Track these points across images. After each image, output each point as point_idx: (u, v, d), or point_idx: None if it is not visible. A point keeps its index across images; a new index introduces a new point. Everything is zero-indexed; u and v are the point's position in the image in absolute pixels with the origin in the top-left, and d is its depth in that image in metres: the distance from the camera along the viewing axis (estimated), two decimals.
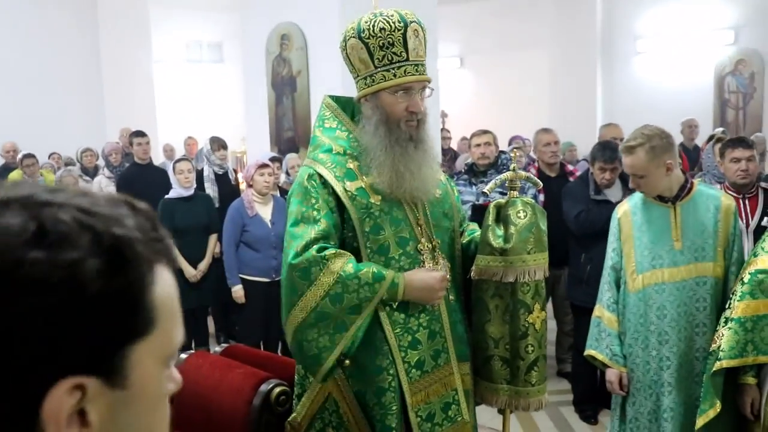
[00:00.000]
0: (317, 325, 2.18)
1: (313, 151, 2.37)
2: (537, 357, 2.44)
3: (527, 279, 2.39)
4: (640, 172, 3.11)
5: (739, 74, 11.17)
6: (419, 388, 2.33)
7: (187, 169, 5.80)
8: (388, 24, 2.21)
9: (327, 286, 2.15)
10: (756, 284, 2.91)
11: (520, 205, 2.43)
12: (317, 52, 7.02)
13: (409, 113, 2.28)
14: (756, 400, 2.99)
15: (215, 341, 6.65)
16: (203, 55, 14.08)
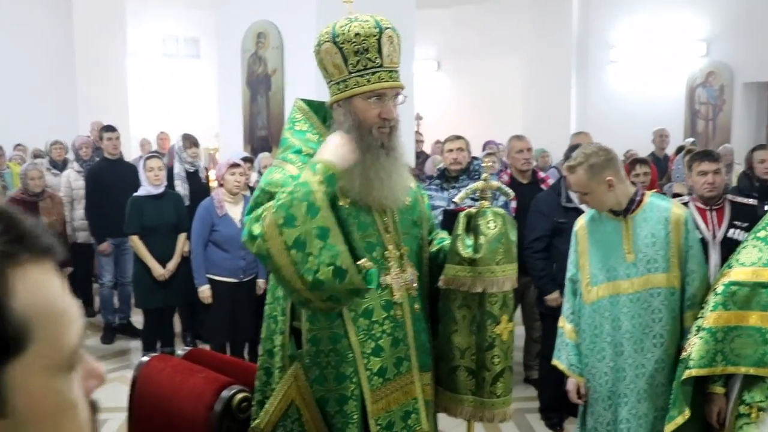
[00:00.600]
0: (306, 252, 1.99)
1: (283, 152, 2.34)
2: (503, 368, 2.43)
3: (495, 290, 2.37)
4: (583, 189, 3.21)
5: (710, 86, 11.32)
6: (380, 396, 2.31)
7: (158, 167, 5.74)
8: (363, 29, 2.18)
9: (273, 221, 2.00)
10: (729, 295, 2.95)
11: (491, 216, 2.42)
12: (293, 52, 6.99)
13: (382, 120, 2.25)
14: (723, 409, 3.03)
15: (181, 341, 6.59)
16: (180, 50, 13.98)
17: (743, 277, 2.95)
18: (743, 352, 2.91)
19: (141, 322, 6.19)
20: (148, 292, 5.75)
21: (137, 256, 5.76)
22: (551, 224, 4.69)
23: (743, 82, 11.09)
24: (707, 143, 10.83)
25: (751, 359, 2.89)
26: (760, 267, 2.93)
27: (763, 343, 2.87)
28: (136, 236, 5.67)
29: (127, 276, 6.78)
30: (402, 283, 2.35)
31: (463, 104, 13.63)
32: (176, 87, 13.42)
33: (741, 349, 2.92)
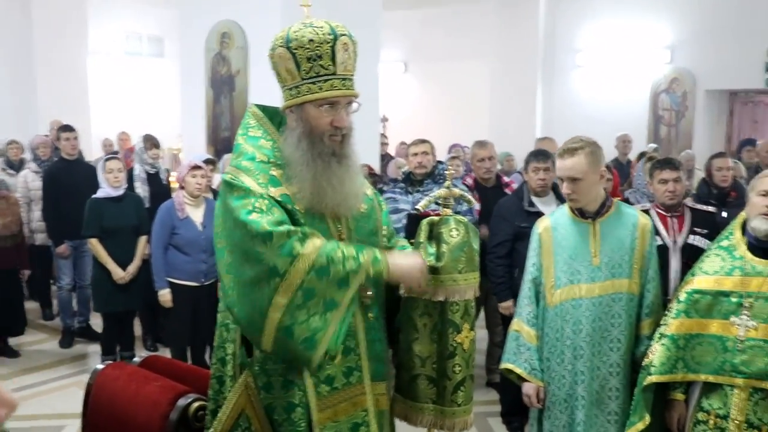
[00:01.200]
0: (306, 304, 2.05)
1: (236, 159, 2.30)
2: (464, 377, 2.42)
3: (457, 299, 2.36)
4: (579, 174, 3.13)
5: (673, 92, 11.46)
6: (327, 405, 2.27)
7: (117, 168, 5.64)
8: (317, 35, 2.15)
9: (312, 260, 2.05)
10: (691, 303, 2.99)
11: (453, 224, 2.40)
12: (257, 52, 6.93)
13: (334, 128, 2.22)
14: (682, 416, 3.07)
15: (142, 345, 6.49)
16: (143, 49, 13.80)
17: (705, 285, 2.99)
18: (703, 359, 2.95)
19: (101, 325, 6.07)
20: (108, 296, 5.64)
21: (96, 259, 5.64)
22: (514, 229, 4.69)
23: (705, 89, 11.24)
24: (670, 149, 10.96)
25: (710, 367, 2.94)
26: (722, 276, 2.97)
27: (722, 351, 2.91)
28: (95, 239, 5.56)
29: (86, 279, 6.66)
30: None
31: (430, 107, 13.64)
32: (139, 86, 13.24)
33: (701, 357, 2.96)
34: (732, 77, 10.99)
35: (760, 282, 2.87)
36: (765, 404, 2.85)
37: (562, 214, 3.32)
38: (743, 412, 2.86)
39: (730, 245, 3.03)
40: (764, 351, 2.82)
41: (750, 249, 2.96)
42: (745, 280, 2.90)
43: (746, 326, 2.86)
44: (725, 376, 2.89)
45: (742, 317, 2.88)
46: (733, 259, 2.98)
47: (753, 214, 2.94)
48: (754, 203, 2.95)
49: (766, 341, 2.82)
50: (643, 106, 11.67)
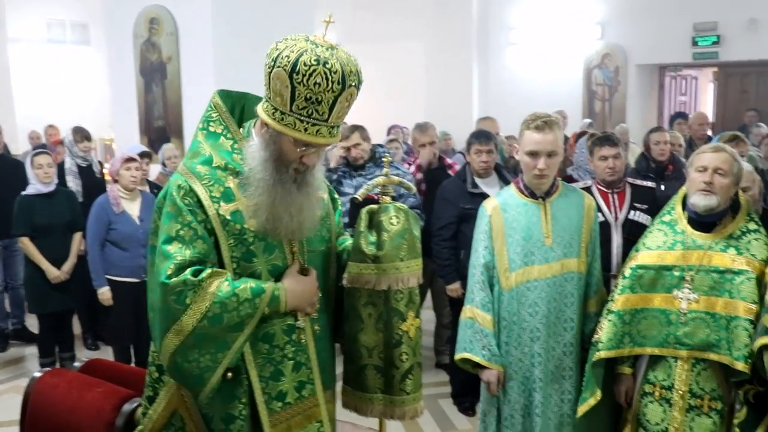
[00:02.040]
0: (197, 346, 2.05)
1: (192, 159, 2.19)
2: (412, 365, 2.39)
3: (401, 286, 2.32)
4: (556, 149, 3.10)
5: (606, 67, 11.65)
6: (280, 420, 2.23)
7: (47, 163, 5.42)
8: (326, 81, 2.00)
9: (204, 310, 2.02)
10: (636, 279, 3.05)
11: (393, 211, 2.36)
12: (188, 38, 6.73)
13: (302, 162, 2.14)
14: (630, 389, 3.16)
15: (82, 344, 6.30)
16: (67, 36, 13.31)
17: (649, 260, 3.06)
18: (649, 333, 3.03)
19: (37, 326, 5.85)
20: (43, 296, 5.44)
21: (29, 258, 5.43)
22: (458, 211, 4.68)
23: (636, 63, 11.46)
24: (604, 123, 11.16)
25: (655, 340, 3.02)
26: (664, 250, 3.04)
27: (666, 324, 2.99)
28: (26, 238, 5.35)
29: (18, 279, 6.42)
30: None
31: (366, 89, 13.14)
32: (65, 75, 12.79)
33: (647, 331, 3.04)
34: (661, 52, 11.25)
35: (701, 255, 2.95)
36: (706, 374, 2.95)
37: (509, 194, 3.26)
38: (686, 383, 2.97)
39: (672, 220, 3.10)
40: (705, 323, 2.91)
41: (690, 223, 3.03)
42: (686, 254, 2.98)
43: (688, 299, 2.95)
44: (669, 348, 2.98)
45: (684, 290, 2.96)
46: (675, 234, 3.05)
47: (692, 190, 3.00)
48: (692, 179, 3.00)
49: (707, 313, 2.91)
50: (577, 81, 11.84)
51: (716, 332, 2.88)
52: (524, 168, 3.19)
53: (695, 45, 10.98)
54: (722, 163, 2.93)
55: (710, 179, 2.92)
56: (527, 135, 3.11)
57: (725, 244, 2.94)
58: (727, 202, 2.98)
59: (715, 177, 2.92)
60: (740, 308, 2.84)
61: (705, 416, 2.95)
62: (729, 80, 11.62)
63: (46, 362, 5.56)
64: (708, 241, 2.96)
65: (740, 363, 2.80)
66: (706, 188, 2.92)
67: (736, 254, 2.91)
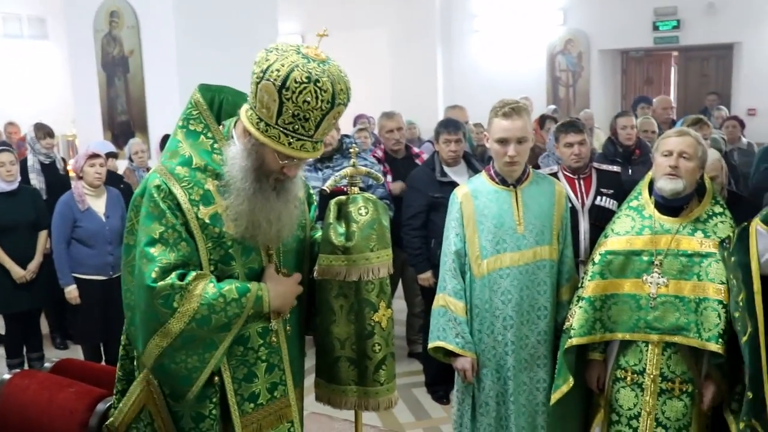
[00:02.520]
0: (184, 347, 2.05)
1: (171, 159, 2.16)
2: (385, 355, 2.39)
3: (371, 277, 2.32)
4: (526, 134, 3.09)
5: (569, 53, 11.74)
6: (251, 421, 2.24)
7: (9, 161, 5.31)
8: (316, 100, 1.98)
9: (191, 312, 2.02)
10: (605, 264, 3.06)
11: (361, 202, 2.35)
12: (150, 32, 6.66)
13: (282, 173, 2.13)
14: (602, 375, 3.17)
15: (50, 343, 6.21)
16: (24, 31, 13.05)
17: (618, 246, 3.07)
18: (619, 318, 3.05)
19: (3, 326, 5.76)
20: (8, 296, 5.34)
21: None
22: (427, 200, 4.69)
23: (599, 49, 11.56)
24: (569, 109, 11.25)
25: (626, 325, 3.03)
26: (633, 236, 3.06)
27: (637, 309, 3.00)
28: None
29: None
30: None
31: None
32: (23, 71, 12.53)
33: (617, 316, 3.05)
34: (623, 37, 11.36)
35: (669, 239, 2.97)
36: (677, 358, 2.97)
37: (480, 182, 3.24)
38: (657, 367, 2.98)
39: (639, 205, 3.12)
40: (675, 306, 2.93)
41: (658, 208, 3.05)
42: (654, 238, 3.00)
43: (657, 283, 2.96)
44: (640, 333, 2.99)
45: (653, 275, 2.97)
46: (643, 219, 3.07)
47: (658, 175, 3.01)
48: (658, 163, 3.02)
49: (676, 297, 2.93)
50: (541, 68, 11.92)
51: (685, 315, 2.91)
52: (494, 155, 3.18)
53: (656, 30, 11.11)
54: (687, 147, 2.96)
55: (676, 163, 2.94)
56: (496, 122, 3.09)
57: (692, 227, 2.97)
58: (693, 186, 3.01)
59: (680, 161, 2.94)
60: (710, 289, 2.88)
61: (676, 399, 2.97)
62: (689, 64, 11.77)
63: (13, 363, 5.47)
64: (676, 225, 2.99)
65: (712, 344, 2.83)
66: (672, 172, 2.94)
67: (703, 237, 2.94)
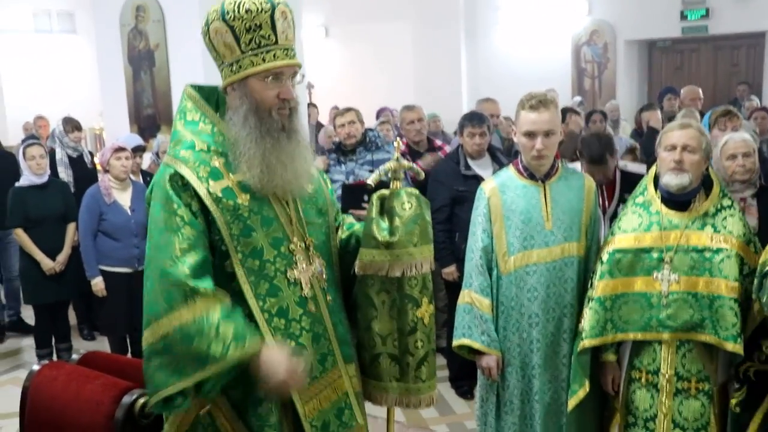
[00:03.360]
0: (162, 355, 2.03)
1: (174, 147, 2.18)
2: (427, 352, 2.35)
3: (414, 272, 2.28)
4: (554, 128, 3.04)
5: (594, 44, 11.61)
6: (310, 396, 2.21)
7: (39, 155, 5.40)
8: (255, 5, 2.05)
9: (182, 320, 1.98)
10: (614, 263, 2.98)
11: (405, 197, 2.32)
12: (176, 26, 6.70)
13: (281, 101, 2.13)
14: (617, 376, 3.09)
15: (78, 334, 6.30)
16: (53, 25, 13.20)
17: (626, 243, 2.99)
18: (631, 318, 2.97)
19: (33, 317, 5.86)
20: (38, 287, 5.44)
21: (23, 250, 5.43)
22: (451, 193, 4.67)
23: (625, 39, 11.43)
24: (594, 101, 11.15)
25: (638, 324, 2.95)
26: (640, 232, 2.97)
27: (648, 307, 2.93)
28: (20, 229, 5.34)
29: (13, 270, 6.40)
30: (310, 276, 2.24)
31: (354, 71, 13.48)
32: (53, 65, 12.68)
33: (629, 316, 2.97)
34: (650, 27, 11.21)
35: (678, 235, 2.90)
36: (692, 356, 2.91)
37: (508, 176, 3.17)
38: (672, 366, 2.92)
39: (645, 201, 3.03)
40: (687, 303, 2.86)
41: (664, 203, 2.97)
42: (663, 234, 2.92)
43: (668, 280, 2.89)
44: (652, 332, 2.92)
45: (663, 272, 2.89)
46: (650, 215, 2.98)
47: (663, 170, 2.94)
48: (662, 158, 2.95)
49: (688, 293, 2.86)
50: (566, 59, 11.80)
51: (699, 312, 2.84)
52: (522, 149, 3.12)
53: (684, 19, 10.94)
54: (690, 139, 2.88)
55: (680, 157, 2.86)
56: (523, 115, 3.04)
57: (701, 222, 2.90)
58: (699, 179, 2.93)
59: (684, 154, 2.87)
60: (723, 287, 2.81)
61: (693, 399, 2.91)
62: (719, 54, 11.60)
63: (43, 353, 5.58)
64: (684, 221, 2.91)
65: (730, 343, 2.78)
66: (677, 166, 2.87)
67: (713, 232, 2.87)
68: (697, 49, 11.66)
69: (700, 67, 11.68)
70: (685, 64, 11.82)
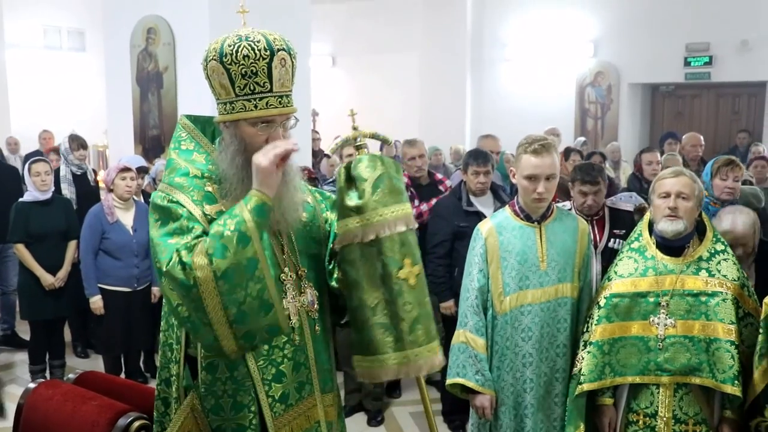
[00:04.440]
0: (234, 285, 2.00)
1: (169, 175, 2.21)
2: (419, 314, 2.23)
3: (388, 233, 2.22)
4: (555, 171, 3.09)
5: (598, 86, 11.73)
6: (283, 423, 2.24)
7: (44, 171, 5.42)
8: (253, 52, 2.07)
9: (204, 251, 1.98)
10: (611, 308, 3.04)
11: (368, 161, 2.27)
12: (186, 49, 6.77)
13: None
14: (613, 419, 3.12)
15: (72, 351, 6.29)
16: (63, 43, 13.30)
17: (623, 288, 3.05)
18: (628, 362, 3.01)
19: (27, 332, 5.84)
20: (36, 303, 5.44)
21: (23, 265, 5.44)
22: (453, 228, 4.69)
23: (629, 82, 11.55)
24: (596, 142, 11.23)
25: (636, 368, 3.00)
26: (637, 277, 3.04)
27: (646, 351, 2.98)
28: (21, 244, 5.36)
29: (10, 285, 6.41)
30: (299, 306, 2.27)
31: (359, 101, 13.51)
32: (61, 82, 12.76)
33: (626, 359, 3.01)
34: (653, 71, 11.34)
35: (673, 279, 2.96)
36: (689, 399, 2.95)
37: (504, 217, 3.23)
38: (669, 409, 2.95)
39: (641, 246, 3.10)
40: (685, 347, 2.91)
41: (659, 248, 3.04)
42: (659, 279, 2.98)
43: (665, 324, 2.94)
44: (650, 375, 2.97)
45: (660, 316, 2.96)
46: (645, 260, 3.05)
47: (658, 217, 3.01)
48: (657, 205, 3.02)
49: (684, 337, 2.91)
50: (570, 99, 11.91)
51: (696, 355, 2.89)
52: (522, 192, 3.15)
53: (687, 65, 11.08)
54: (683, 187, 2.96)
55: (675, 204, 2.94)
56: (525, 159, 3.08)
57: (696, 267, 2.96)
58: (692, 225, 3.00)
59: (678, 201, 2.94)
60: (719, 330, 2.86)
61: None
62: (720, 101, 11.72)
63: (36, 369, 5.56)
64: (679, 265, 2.98)
65: (728, 386, 2.82)
66: (672, 213, 2.94)
67: (708, 276, 2.93)
68: (699, 95, 11.78)
69: (702, 113, 11.79)
70: (686, 109, 11.93)
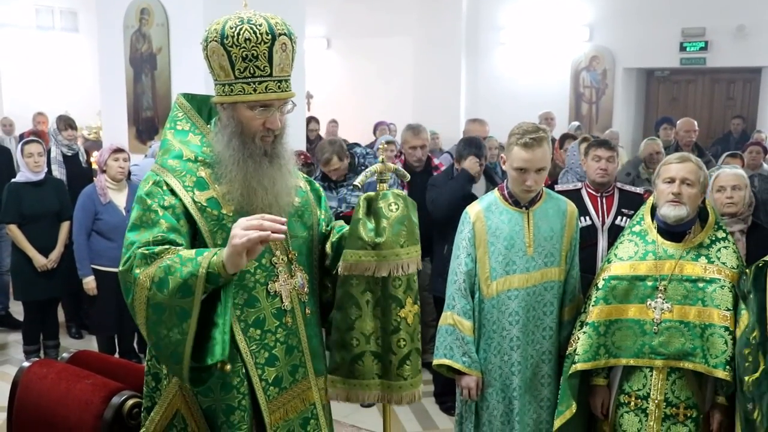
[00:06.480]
0: (161, 319, 2.00)
1: (162, 156, 2.24)
2: (410, 351, 2.37)
3: (400, 273, 2.32)
4: (546, 163, 3.10)
5: (593, 70, 11.71)
6: (277, 406, 2.27)
7: (37, 152, 5.42)
8: (255, 35, 2.07)
9: (151, 275, 1.98)
10: (609, 290, 3.07)
11: (392, 198, 2.36)
12: (179, 30, 6.72)
13: (266, 129, 2.18)
14: (606, 400, 3.17)
15: (66, 332, 6.30)
16: (56, 23, 13.20)
17: (621, 271, 3.08)
18: (624, 344, 3.05)
19: (21, 312, 5.85)
20: (29, 283, 5.45)
21: (16, 246, 5.43)
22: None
23: (624, 67, 11.53)
24: (591, 126, 11.22)
25: (630, 351, 3.04)
26: (636, 261, 3.07)
27: (641, 334, 3.01)
28: (14, 225, 5.35)
29: (3, 265, 6.42)
30: (290, 289, 2.30)
31: (353, 84, 13.52)
32: (53, 63, 12.68)
33: (622, 342, 3.05)
34: (649, 56, 11.32)
35: (672, 265, 2.99)
36: (681, 383, 2.99)
37: (492, 201, 3.24)
38: (662, 392, 2.99)
39: (642, 230, 3.13)
40: (680, 332, 2.94)
41: (660, 233, 3.07)
42: (658, 263, 3.01)
43: (661, 309, 2.98)
44: (645, 358, 3.01)
45: (657, 300, 2.99)
46: (646, 244, 3.08)
47: (661, 201, 3.03)
48: (661, 190, 3.04)
49: (680, 322, 2.94)
50: (565, 83, 11.89)
51: (691, 341, 2.92)
52: (512, 181, 3.17)
53: (683, 50, 11.07)
54: (689, 173, 2.98)
55: (678, 190, 2.96)
56: (516, 151, 3.08)
57: (696, 253, 2.99)
58: (695, 211, 3.03)
59: (683, 187, 2.96)
60: (715, 316, 2.90)
61: (681, 425, 2.98)
62: (716, 86, 11.72)
63: (30, 350, 5.58)
64: (679, 251, 3.01)
65: (719, 371, 2.85)
66: (675, 199, 2.96)
67: (707, 263, 2.96)
68: (694, 80, 11.77)
69: (697, 98, 11.78)
70: (681, 94, 11.93)
